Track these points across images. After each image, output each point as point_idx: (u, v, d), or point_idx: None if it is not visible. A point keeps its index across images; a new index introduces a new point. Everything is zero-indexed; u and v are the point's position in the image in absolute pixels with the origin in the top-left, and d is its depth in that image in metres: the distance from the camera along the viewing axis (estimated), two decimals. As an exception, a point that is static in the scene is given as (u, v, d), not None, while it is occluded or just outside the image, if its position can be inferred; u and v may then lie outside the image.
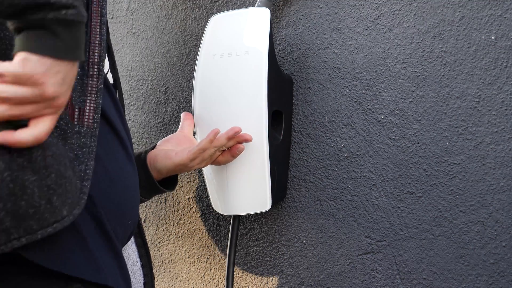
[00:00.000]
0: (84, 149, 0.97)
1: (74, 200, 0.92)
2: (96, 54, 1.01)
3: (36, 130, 0.86)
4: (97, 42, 1.02)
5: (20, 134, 0.84)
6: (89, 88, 1.00)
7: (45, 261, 0.93)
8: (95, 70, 1.01)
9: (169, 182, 1.40)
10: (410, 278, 1.30)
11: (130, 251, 1.15)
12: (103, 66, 1.02)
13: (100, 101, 1.01)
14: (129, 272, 1.10)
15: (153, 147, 1.39)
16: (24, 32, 0.83)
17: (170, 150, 1.33)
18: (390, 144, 1.31)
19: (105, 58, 1.03)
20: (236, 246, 1.43)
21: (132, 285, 1.11)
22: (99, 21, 1.02)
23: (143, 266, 1.19)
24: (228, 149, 1.32)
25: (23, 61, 0.82)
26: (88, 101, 1.00)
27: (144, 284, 1.18)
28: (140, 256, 1.19)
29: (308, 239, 1.41)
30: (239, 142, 1.31)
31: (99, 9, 1.02)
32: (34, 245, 0.90)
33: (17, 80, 0.82)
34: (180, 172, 1.34)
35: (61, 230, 0.91)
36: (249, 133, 1.31)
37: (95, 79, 1.01)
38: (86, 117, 0.99)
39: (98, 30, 1.02)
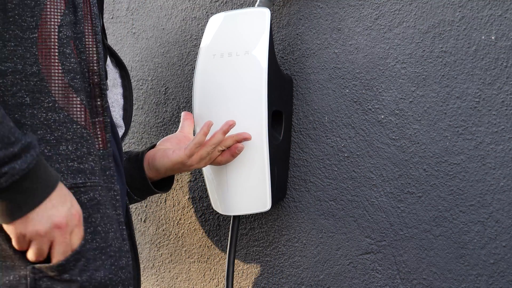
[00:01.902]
0: (108, 172, 1.03)
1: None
2: (95, 74, 1.02)
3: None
4: (95, 60, 1.02)
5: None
6: (97, 109, 1.02)
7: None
8: (97, 90, 1.02)
9: (164, 183, 1.40)
10: (410, 278, 1.30)
11: None
12: (104, 85, 1.03)
13: (109, 120, 1.03)
14: None
15: (153, 146, 1.39)
16: None
17: (168, 149, 1.33)
18: (390, 144, 1.31)
19: (105, 75, 1.05)
20: (236, 246, 1.43)
21: None
22: (94, 39, 1.03)
23: None
24: (228, 148, 1.31)
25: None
26: (97, 123, 1.02)
27: None
28: None
29: (308, 239, 1.41)
30: (238, 141, 1.31)
31: (92, 27, 1.03)
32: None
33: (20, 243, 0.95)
34: (179, 172, 1.33)
35: None
36: (249, 133, 1.31)
37: (98, 100, 1.03)
38: (101, 139, 1.03)
39: (94, 49, 1.03)
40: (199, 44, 1.42)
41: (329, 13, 1.38)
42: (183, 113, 1.42)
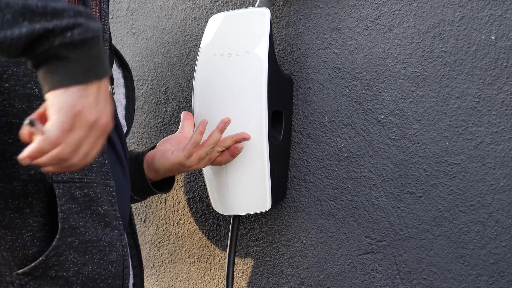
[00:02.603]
0: (103, 169, 1.03)
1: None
2: None
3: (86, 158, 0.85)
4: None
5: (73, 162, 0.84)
6: None
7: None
8: None
9: (165, 183, 1.40)
10: (410, 278, 1.30)
11: None
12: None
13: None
14: None
15: (153, 147, 1.39)
16: (42, 68, 0.81)
17: (167, 150, 1.33)
18: (390, 144, 1.31)
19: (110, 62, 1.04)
20: (236, 246, 1.43)
21: None
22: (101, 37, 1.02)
23: (133, 266, 1.19)
24: (227, 149, 1.31)
25: (55, 110, 0.80)
26: None
27: (134, 284, 1.19)
28: (131, 257, 1.19)
29: (308, 239, 1.41)
30: (237, 142, 1.31)
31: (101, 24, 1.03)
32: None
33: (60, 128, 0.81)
34: (178, 172, 1.33)
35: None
36: (249, 133, 1.31)
37: None
38: None
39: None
40: (199, 44, 1.42)
41: (329, 13, 1.38)
42: (183, 113, 1.42)
